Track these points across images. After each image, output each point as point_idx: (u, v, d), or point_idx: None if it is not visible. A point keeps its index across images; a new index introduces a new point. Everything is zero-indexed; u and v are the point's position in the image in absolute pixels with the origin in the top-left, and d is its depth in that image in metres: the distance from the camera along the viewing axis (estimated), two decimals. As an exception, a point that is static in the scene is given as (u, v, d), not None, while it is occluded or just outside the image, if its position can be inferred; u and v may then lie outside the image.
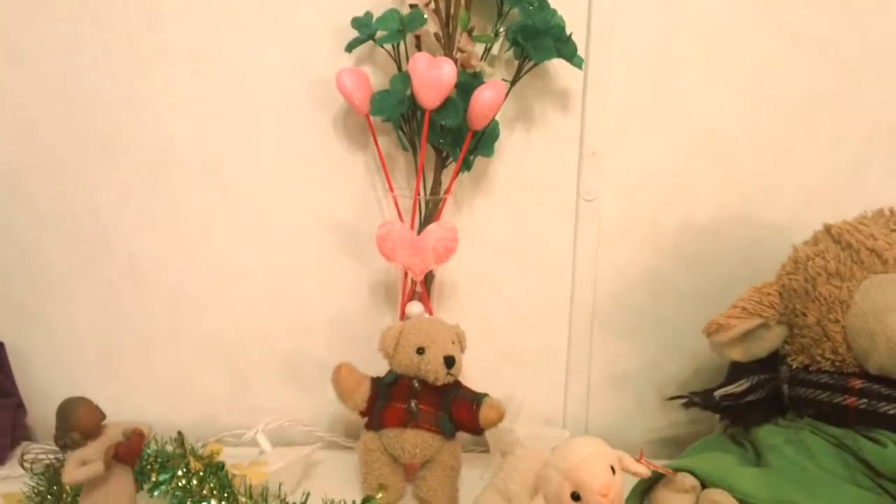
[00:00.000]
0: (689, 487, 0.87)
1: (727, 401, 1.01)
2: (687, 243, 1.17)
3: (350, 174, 1.14)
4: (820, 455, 0.89)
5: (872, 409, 0.87)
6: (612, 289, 1.19)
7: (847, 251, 0.88)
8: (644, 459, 0.85)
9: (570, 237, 1.17)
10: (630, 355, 1.21)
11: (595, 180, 1.16)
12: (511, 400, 1.20)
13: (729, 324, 0.94)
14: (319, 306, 1.18)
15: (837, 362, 0.90)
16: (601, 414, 1.23)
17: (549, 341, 1.21)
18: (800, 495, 0.84)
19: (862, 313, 0.87)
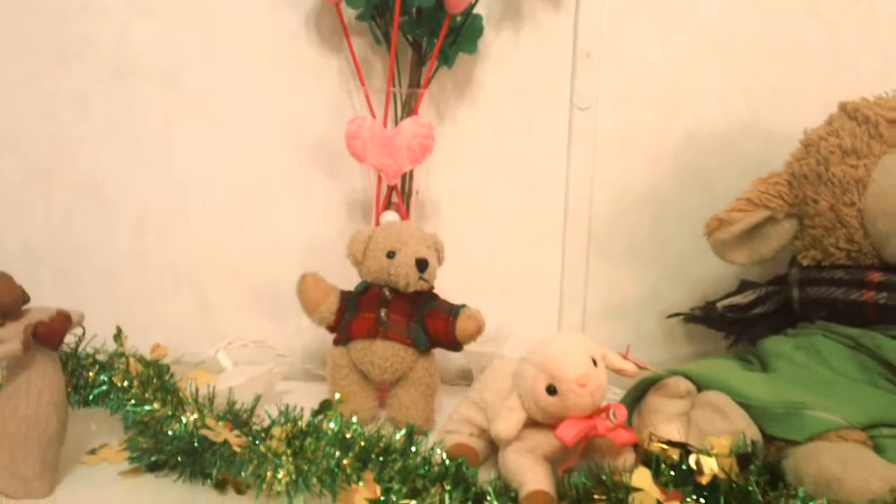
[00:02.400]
0: (684, 392, 0.78)
1: (732, 313, 0.91)
2: (691, 157, 1.08)
3: (322, 80, 1.06)
4: (833, 358, 0.80)
5: (893, 304, 0.76)
6: (608, 208, 1.10)
7: (864, 126, 0.79)
8: (631, 357, 0.76)
9: (564, 150, 1.08)
10: (629, 282, 1.11)
11: (590, 86, 1.07)
12: (500, 330, 1.10)
13: (732, 218, 0.84)
14: (291, 228, 1.10)
15: (854, 253, 0.80)
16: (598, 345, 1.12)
17: (542, 266, 1.11)
18: (808, 397, 0.74)
19: (881, 192, 0.77)
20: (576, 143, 1.07)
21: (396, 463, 0.74)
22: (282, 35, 1.05)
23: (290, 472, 0.71)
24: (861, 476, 0.65)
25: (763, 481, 0.70)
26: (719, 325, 0.94)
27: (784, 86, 1.05)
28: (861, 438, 0.72)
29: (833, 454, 0.68)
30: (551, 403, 0.72)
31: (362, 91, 0.99)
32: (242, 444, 0.72)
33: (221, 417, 0.78)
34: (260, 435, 0.74)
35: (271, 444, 0.72)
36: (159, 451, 0.79)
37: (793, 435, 0.73)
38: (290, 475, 0.71)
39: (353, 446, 0.75)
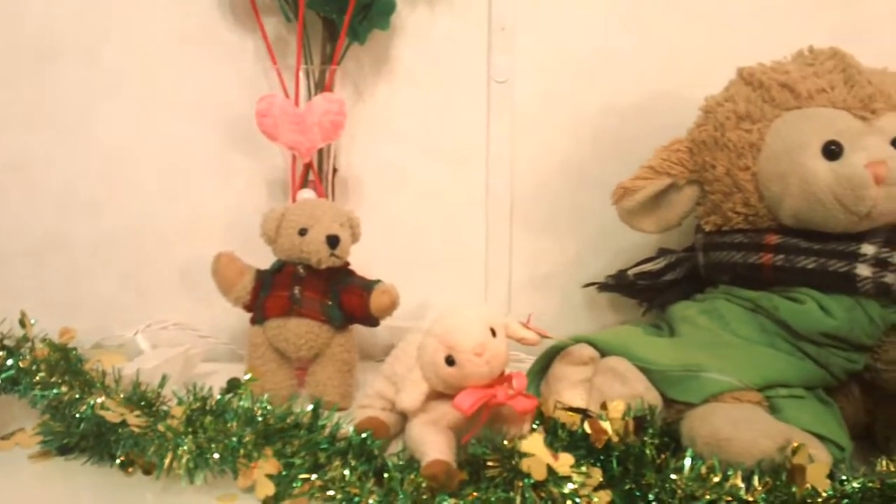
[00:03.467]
0: (587, 359, 0.79)
1: (643, 281, 0.92)
2: (609, 127, 1.08)
3: (240, 58, 1.05)
4: (734, 322, 0.80)
5: (790, 266, 0.78)
6: (530, 180, 1.10)
7: (758, 90, 0.79)
8: (532, 325, 0.76)
9: (483, 124, 1.08)
10: (552, 253, 1.12)
11: (506, 59, 1.07)
12: (426, 305, 1.10)
13: (635, 186, 0.85)
14: (215, 206, 1.09)
15: (751, 217, 0.81)
16: (524, 316, 1.13)
17: (465, 240, 1.12)
18: (706, 359, 0.75)
19: (773, 155, 0.78)
20: (495, 116, 1.07)
21: (300, 438, 0.74)
22: (199, 13, 1.05)
23: (192, 451, 0.71)
24: (750, 436, 0.67)
25: (657, 444, 0.72)
26: (632, 292, 0.95)
27: (701, 54, 1.05)
28: (756, 399, 0.73)
29: (724, 415, 0.69)
30: (450, 374, 0.72)
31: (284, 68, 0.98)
32: (142, 425, 0.72)
33: (128, 399, 0.77)
34: (160, 415, 0.74)
35: (171, 423, 0.72)
36: (69, 434, 0.79)
37: (689, 397, 0.74)
38: (190, 454, 0.71)
39: (254, 423, 0.75)
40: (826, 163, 0.75)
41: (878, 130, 0.76)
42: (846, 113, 0.76)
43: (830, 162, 0.75)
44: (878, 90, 0.75)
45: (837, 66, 0.77)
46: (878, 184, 0.73)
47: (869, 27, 1.02)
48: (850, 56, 0.79)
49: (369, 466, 0.73)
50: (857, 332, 0.75)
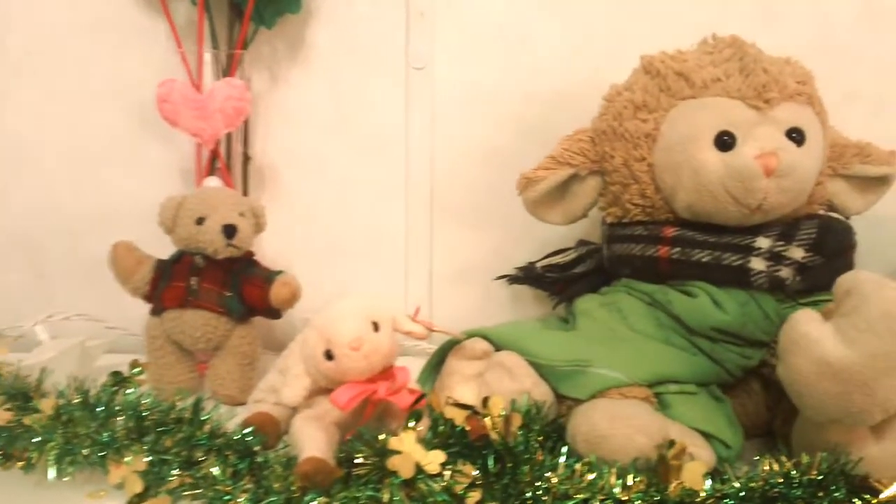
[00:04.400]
0: (480, 353, 0.77)
1: (552, 272, 0.90)
2: (532, 115, 1.06)
3: (151, 44, 1.02)
4: (632, 316, 0.79)
5: (685, 259, 0.76)
6: (450, 168, 1.08)
7: (656, 79, 0.77)
8: (420, 318, 0.74)
9: (402, 111, 1.06)
10: (474, 243, 1.10)
11: (425, 45, 1.04)
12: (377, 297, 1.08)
13: (537, 176, 0.82)
14: (126, 194, 1.07)
15: (648, 208, 0.79)
16: (446, 309, 1.11)
17: (385, 229, 1.09)
18: (596, 354, 0.74)
19: (668, 146, 0.75)
20: (414, 103, 1.05)
21: (173, 434, 0.72)
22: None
23: (59, 446, 0.69)
24: (626, 432, 0.65)
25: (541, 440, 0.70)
26: (542, 284, 0.93)
27: (624, 40, 1.02)
28: (643, 395, 0.72)
29: (604, 411, 0.67)
30: (329, 368, 0.71)
31: (191, 53, 0.96)
32: (10, 419, 0.70)
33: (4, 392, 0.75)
34: (30, 409, 0.71)
35: (39, 417, 0.70)
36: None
37: (576, 392, 0.72)
38: (58, 449, 0.69)
39: (135, 418, 0.73)
40: (718, 154, 0.73)
41: (772, 121, 0.74)
42: (740, 103, 0.74)
43: (723, 153, 0.73)
44: (773, 79, 0.73)
45: (735, 54, 0.75)
46: (769, 176, 0.71)
47: (784, 14, 1.00)
48: (750, 45, 0.77)
49: (247, 463, 0.70)
50: (750, 327, 0.73)
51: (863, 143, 0.83)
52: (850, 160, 0.82)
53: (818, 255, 0.74)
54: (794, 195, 0.72)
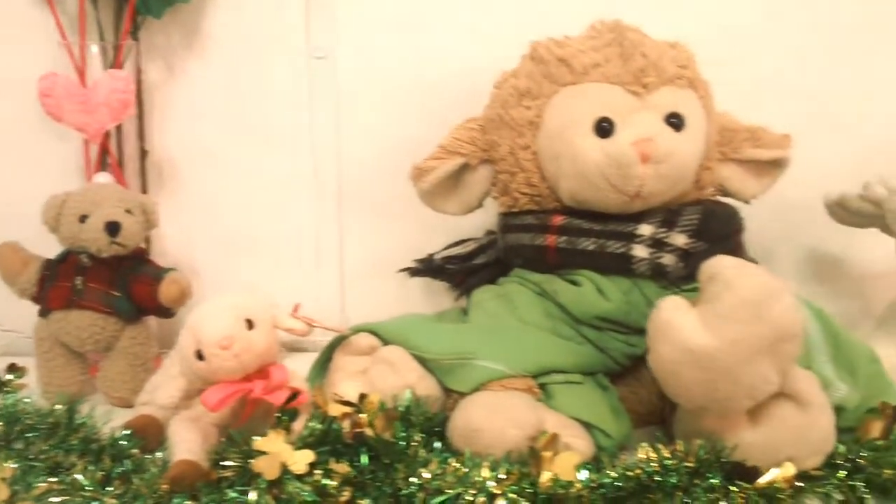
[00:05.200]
0: (366, 349, 0.75)
1: (452, 264, 0.88)
2: (439, 102, 1.03)
3: (40, 36, 0.99)
4: (522, 306, 0.77)
5: (572, 248, 0.75)
6: (358, 159, 1.06)
7: (539, 66, 0.76)
8: (300, 314, 0.72)
9: (305, 102, 1.04)
10: (386, 236, 1.08)
11: (326, 34, 1.02)
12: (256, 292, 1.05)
13: (428, 166, 0.81)
14: (23, 192, 1.03)
15: (536, 197, 0.77)
16: (359, 304, 1.10)
17: (293, 223, 1.07)
18: (480, 346, 0.72)
19: (550, 133, 0.74)
20: (316, 93, 1.03)
21: (41, 438, 0.70)
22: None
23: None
24: (499, 425, 0.64)
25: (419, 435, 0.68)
26: (443, 276, 0.91)
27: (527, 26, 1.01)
28: (525, 386, 0.71)
29: (481, 404, 0.66)
30: (201, 368, 0.69)
31: (78, 46, 0.93)
32: None
33: None
34: None
35: None
36: None
37: (460, 386, 0.71)
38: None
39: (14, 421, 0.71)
40: (597, 141, 0.72)
41: (651, 106, 0.73)
42: (620, 88, 0.73)
43: (602, 140, 0.72)
44: (651, 63, 0.72)
45: (616, 39, 0.74)
46: (645, 162, 0.70)
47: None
48: (633, 29, 0.76)
49: (117, 468, 0.68)
50: (634, 315, 0.73)
51: (755, 126, 0.82)
52: (740, 144, 0.81)
53: (701, 240, 0.73)
54: (672, 181, 0.71)
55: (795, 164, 1.03)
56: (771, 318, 0.58)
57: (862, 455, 0.69)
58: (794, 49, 1.03)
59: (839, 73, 1.04)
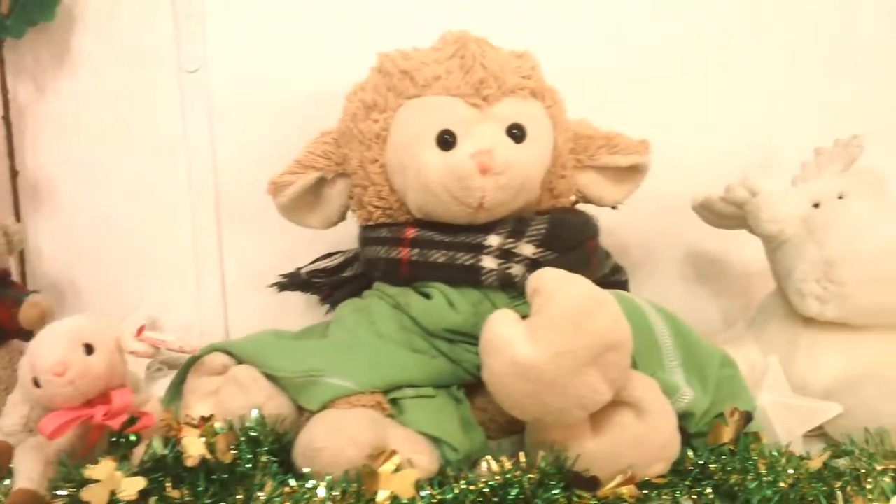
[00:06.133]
0: (220, 368, 0.74)
1: (319, 277, 0.87)
2: (315, 113, 1.01)
3: None
4: (379, 320, 0.77)
5: (423, 260, 0.75)
6: (235, 172, 1.05)
7: (385, 78, 0.75)
8: (146, 335, 0.71)
9: (178, 115, 1.02)
10: (266, 248, 1.07)
11: (196, 47, 1.01)
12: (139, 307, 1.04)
13: (284, 181, 0.80)
14: None
15: (388, 210, 0.77)
16: (242, 318, 1.09)
17: (172, 238, 1.06)
18: (330, 363, 0.72)
19: (396, 146, 0.74)
20: (189, 107, 1.02)
21: None
22: None
23: None
24: (339, 444, 0.64)
25: (265, 456, 0.68)
26: (311, 290, 0.90)
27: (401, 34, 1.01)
28: (374, 402, 0.70)
29: (325, 423, 0.66)
30: (39, 395, 0.67)
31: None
32: None
33: None
34: None
35: None
36: None
37: (308, 403, 0.70)
38: None
39: None
40: (439, 154, 0.72)
41: (492, 117, 0.73)
42: (461, 100, 0.73)
43: (444, 152, 0.72)
44: (490, 75, 0.73)
45: (458, 51, 0.74)
46: (485, 174, 0.70)
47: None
48: (476, 40, 0.76)
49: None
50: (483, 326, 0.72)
51: (611, 133, 0.83)
52: (596, 151, 0.82)
53: (549, 250, 0.74)
54: (514, 192, 0.71)
55: (674, 165, 1.05)
56: (594, 329, 0.58)
57: (712, 461, 0.69)
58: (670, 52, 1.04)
59: (714, 75, 1.06)
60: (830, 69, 1.08)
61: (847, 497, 0.64)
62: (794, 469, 0.68)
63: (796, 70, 1.08)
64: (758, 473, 0.68)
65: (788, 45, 1.08)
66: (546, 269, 0.63)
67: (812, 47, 1.08)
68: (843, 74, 1.09)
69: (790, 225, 0.84)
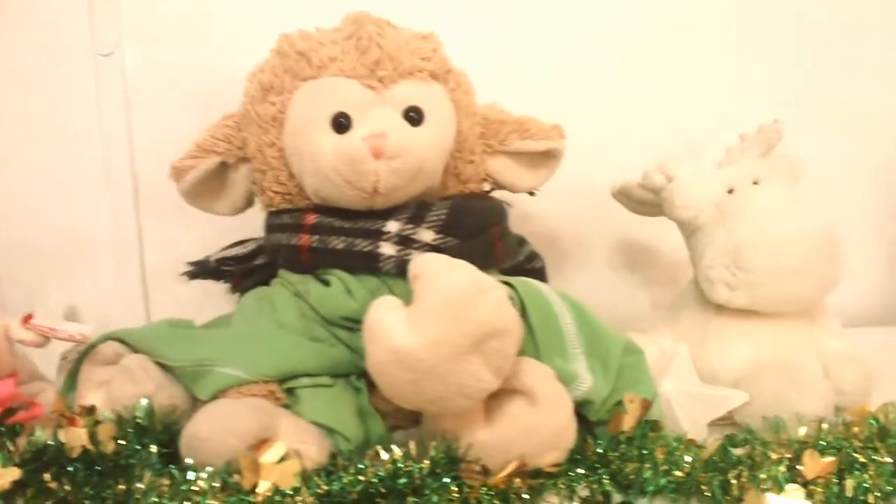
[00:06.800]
0: (113, 357, 0.72)
1: (228, 265, 0.85)
2: (235, 95, 0.99)
3: None
4: (281, 308, 0.75)
5: (323, 247, 0.73)
6: (154, 158, 1.01)
7: (282, 60, 0.74)
8: (33, 324, 0.69)
9: (93, 100, 1.00)
10: (187, 237, 1.04)
11: (110, 30, 0.98)
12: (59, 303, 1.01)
13: (184, 165, 0.78)
14: None
15: (288, 196, 0.76)
16: (164, 309, 1.06)
17: (89, 226, 1.04)
18: (223, 352, 0.71)
19: (292, 130, 0.72)
20: (104, 91, 0.99)
21: None
22: None
23: None
24: (221, 435, 0.62)
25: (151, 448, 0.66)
26: (221, 278, 0.88)
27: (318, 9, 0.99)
28: (265, 391, 0.68)
29: (208, 413, 0.64)
30: (-89, 388, 0.65)
31: None
32: None
33: None
34: None
35: None
36: None
37: (200, 393, 0.69)
38: None
39: None
40: (333, 137, 0.70)
41: (389, 100, 0.71)
42: (356, 82, 0.71)
43: (339, 136, 0.70)
44: (386, 56, 0.71)
45: (356, 31, 0.72)
46: (378, 158, 0.68)
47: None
48: (376, 20, 0.74)
49: None
50: (381, 314, 0.71)
51: (524, 118, 0.82)
52: (507, 136, 0.80)
53: (450, 236, 0.72)
54: (410, 176, 0.70)
55: (604, 152, 1.04)
56: (473, 317, 0.57)
57: (611, 449, 0.68)
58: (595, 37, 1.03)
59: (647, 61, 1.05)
60: (760, 53, 1.08)
61: (741, 485, 0.63)
62: (692, 458, 0.67)
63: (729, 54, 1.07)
64: (654, 462, 0.66)
65: (717, 30, 1.07)
66: (428, 255, 0.61)
67: (741, 31, 1.07)
68: (773, 59, 1.08)
69: (704, 211, 0.83)
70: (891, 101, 1.14)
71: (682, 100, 1.09)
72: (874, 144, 1.15)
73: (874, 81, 1.12)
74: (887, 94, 1.13)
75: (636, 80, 1.08)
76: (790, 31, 1.10)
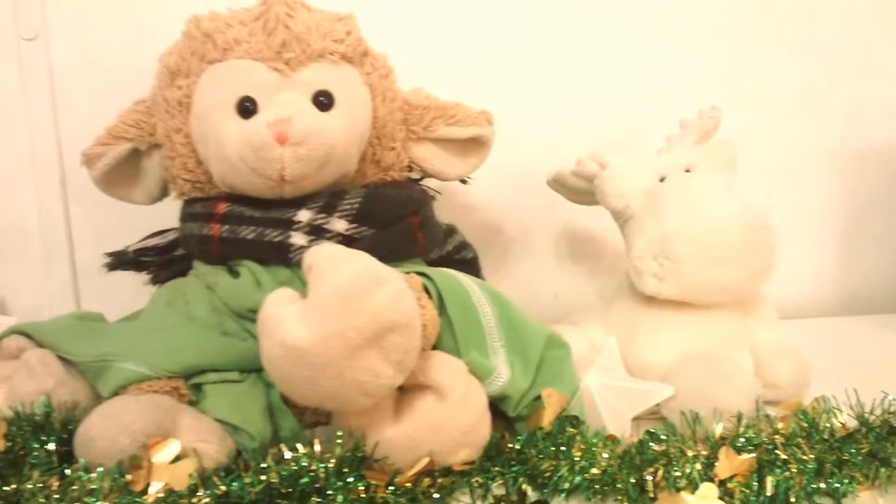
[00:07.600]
0: (17, 351, 0.69)
1: (147, 256, 0.83)
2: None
3: None
4: (193, 301, 0.73)
5: (233, 237, 0.71)
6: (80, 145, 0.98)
7: (189, 42, 0.71)
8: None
9: (16, 85, 0.96)
10: (119, 229, 1.00)
11: (34, 14, 0.95)
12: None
13: (95, 152, 0.75)
14: None
15: (197, 184, 0.73)
16: (97, 299, 1.03)
17: (16, 218, 1.00)
18: (125, 348, 0.68)
19: (198, 115, 0.70)
20: (29, 77, 0.96)
21: None
22: None
23: None
24: (111, 434, 0.59)
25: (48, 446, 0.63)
26: (141, 269, 0.86)
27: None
28: (170, 387, 0.66)
29: (102, 411, 0.62)
30: None
31: None
32: None
33: None
34: None
35: None
36: None
37: (102, 389, 0.66)
38: None
39: None
40: (238, 122, 0.67)
41: (298, 84, 0.69)
42: (263, 65, 0.68)
43: (243, 121, 0.67)
44: (294, 37, 0.68)
45: (264, 12, 0.69)
46: (283, 144, 0.65)
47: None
48: (288, 1, 0.71)
49: None
50: (291, 307, 0.68)
51: (450, 103, 0.79)
52: (431, 122, 0.78)
53: (364, 225, 0.70)
54: (318, 163, 0.67)
55: (549, 140, 1.01)
56: (367, 309, 0.54)
57: (529, 446, 0.66)
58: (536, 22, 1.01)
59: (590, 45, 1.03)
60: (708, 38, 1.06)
61: (656, 483, 0.61)
62: (609, 454, 0.64)
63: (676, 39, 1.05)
64: (571, 459, 0.64)
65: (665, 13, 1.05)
66: (323, 245, 0.59)
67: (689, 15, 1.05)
68: (723, 44, 1.06)
69: (635, 200, 0.80)
70: (843, 89, 1.12)
71: (626, 86, 1.06)
72: (826, 132, 1.13)
73: (826, 69, 1.10)
74: (839, 82, 1.11)
75: (579, 64, 1.06)
76: (741, 16, 1.07)
